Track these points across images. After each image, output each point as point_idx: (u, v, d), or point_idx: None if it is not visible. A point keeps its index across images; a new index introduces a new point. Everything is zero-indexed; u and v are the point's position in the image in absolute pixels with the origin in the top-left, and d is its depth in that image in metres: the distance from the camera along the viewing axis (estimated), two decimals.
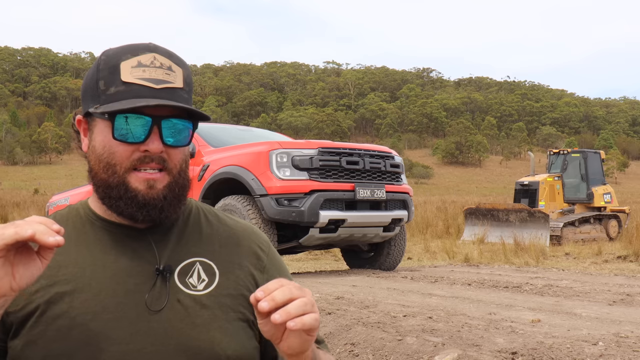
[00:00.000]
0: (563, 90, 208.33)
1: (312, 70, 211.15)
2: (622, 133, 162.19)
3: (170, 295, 1.10)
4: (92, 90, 1.12)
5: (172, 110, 1.10)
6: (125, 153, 1.09)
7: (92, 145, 1.13)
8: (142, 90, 1.08)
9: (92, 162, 1.13)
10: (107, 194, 1.11)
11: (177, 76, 1.12)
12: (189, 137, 1.14)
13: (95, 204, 1.17)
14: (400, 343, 3.43)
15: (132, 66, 1.09)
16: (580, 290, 5.49)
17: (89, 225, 1.15)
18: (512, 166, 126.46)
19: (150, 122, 1.09)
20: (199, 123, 1.15)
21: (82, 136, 1.17)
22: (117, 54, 1.11)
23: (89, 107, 1.12)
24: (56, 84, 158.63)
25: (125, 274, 1.10)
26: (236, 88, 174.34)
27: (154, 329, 1.07)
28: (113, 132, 1.08)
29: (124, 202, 1.10)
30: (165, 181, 1.11)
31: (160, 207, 1.10)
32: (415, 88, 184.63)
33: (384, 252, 7.24)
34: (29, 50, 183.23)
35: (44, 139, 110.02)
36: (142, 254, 1.12)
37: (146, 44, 1.13)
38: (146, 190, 1.09)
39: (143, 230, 1.14)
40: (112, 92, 1.09)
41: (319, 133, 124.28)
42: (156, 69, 1.10)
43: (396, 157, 6.92)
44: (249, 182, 6.07)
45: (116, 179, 1.10)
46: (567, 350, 3.13)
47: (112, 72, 1.10)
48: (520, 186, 15.52)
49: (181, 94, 1.12)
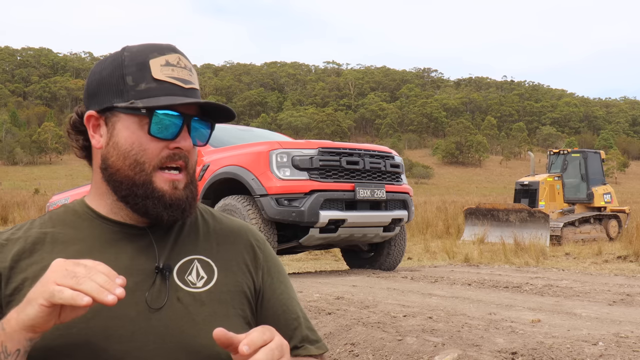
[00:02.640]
0: (563, 90, 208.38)
1: (312, 70, 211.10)
2: (622, 133, 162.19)
3: (170, 293, 1.10)
4: (115, 85, 1.11)
5: (196, 110, 1.14)
6: (157, 150, 1.10)
7: (113, 141, 1.12)
8: (173, 88, 1.11)
9: (114, 158, 1.12)
10: (133, 191, 1.11)
11: (195, 78, 1.16)
12: (209, 137, 1.19)
13: (95, 202, 1.16)
14: (400, 343, 3.43)
15: (162, 64, 1.11)
16: (580, 290, 5.49)
17: (88, 223, 1.15)
18: (512, 166, 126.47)
19: (182, 120, 1.11)
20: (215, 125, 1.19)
21: (91, 132, 1.15)
22: (144, 52, 1.12)
23: (110, 102, 1.11)
24: (56, 84, 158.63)
25: (125, 273, 1.08)
26: (236, 88, 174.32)
27: (154, 327, 1.07)
28: (150, 127, 1.09)
29: (151, 202, 1.10)
30: (185, 182, 1.14)
31: (183, 207, 1.12)
32: (415, 88, 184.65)
33: (384, 252, 7.24)
34: (29, 50, 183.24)
35: (44, 139, 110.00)
36: (142, 252, 1.12)
37: (168, 44, 1.15)
38: (172, 191, 1.11)
39: (143, 228, 1.14)
40: (143, 88, 1.10)
41: (319, 133, 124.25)
42: (182, 70, 1.13)
43: (396, 157, 6.92)
44: (249, 182, 6.07)
45: (143, 177, 1.10)
46: (567, 350, 3.13)
47: (140, 69, 1.10)
48: (520, 186, 15.52)
49: (199, 95, 1.16)
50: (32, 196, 30.72)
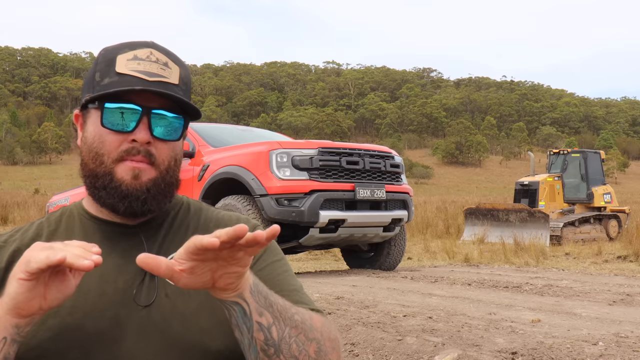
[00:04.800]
0: (563, 90, 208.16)
1: (312, 70, 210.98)
2: (622, 133, 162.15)
3: (158, 289, 1.10)
4: (88, 83, 1.13)
5: (163, 103, 1.10)
6: (115, 143, 1.09)
7: (84, 136, 1.13)
8: (134, 80, 1.08)
9: (84, 153, 1.13)
10: (93, 183, 1.11)
11: (172, 72, 1.12)
12: (180, 133, 1.14)
13: (88, 204, 1.18)
14: (400, 343, 3.43)
15: (128, 59, 1.10)
16: (580, 290, 5.49)
17: (80, 224, 1.16)
18: (512, 166, 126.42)
19: (140, 111, 1.08)
20: (195, 122, 1.15)
21: (78, 131, 1.17)
22: (116, 49, 1.13)
23: (84, 99, 1.13)
24: (56, 84, 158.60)
25: (115, 272, 1.10)
26: (236, 88, 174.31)
27: (144, 325, 1.07)
28: (102, 119, 1.08)
29: (106, 192, 1.09)
30: (152, 175, 1.10)
31: (143, 199, 1.09)
32: (415, 88, 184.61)
33: (384, 252, 7.24)
34: (29, 50, 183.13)
35: (44, 139, 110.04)
36: (133, 250, 1.11)
37: (145, 40, 1.14)
38: (130, 180, 1.09)
39: (134, 227, 1.14)
40: (106, 82, 1.09)
41: (319, 133, 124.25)
42: (151, 63, 1.11)
43: (396, 157, 6.92)
44: (249, 182, 6.07)
45: (103, 169, 1.09)
46: (567, 350, 3.13)
47: (108, 65, 1.11)
48: (520, 186, 15.52)
49: (175, 89, 1.11)
50: (32, 196, 30.71)
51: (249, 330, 0.97)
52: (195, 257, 0.87)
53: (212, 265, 0.89)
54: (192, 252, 0.86)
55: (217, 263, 0.89)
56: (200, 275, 0.89)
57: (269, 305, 0.99)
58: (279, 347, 0.99)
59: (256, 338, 0.98)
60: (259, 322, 0.97)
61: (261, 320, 0.97)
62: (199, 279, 0.90)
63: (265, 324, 0.98)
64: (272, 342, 0.98)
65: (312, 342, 1.02)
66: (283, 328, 0.99)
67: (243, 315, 0.96)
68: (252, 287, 0.97)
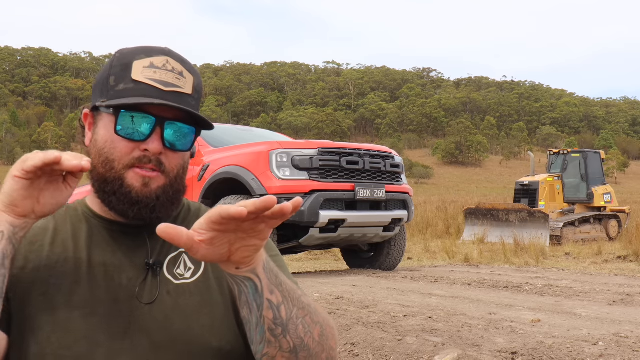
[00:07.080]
0: (563, 90, 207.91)
1: (312, 70, 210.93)
2: (622, 133, 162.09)
3: (160, 288, 1.12)
4: (102, 85, 1.14)
5: (177, 114, 1.11)
6: (126, 150, 1.10)
7: (94, 139, 1.14)
8: (150, 90, 1.10)
9: (93, 156, 1.13)
10: (102, 188, 1.12)
11: (187, 82, 1.14)
12: (191, 143, 1.15)
13: (93, 202, 1.19)
14: (400, 343, 3.43)
15: (144, 66, 1.11)
16: (580, 290, 5.50)
17: (86, 222, 1.17)
18: (512, 166, 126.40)
19: (154, 122, 1.10)
20: (202, 130, 1.16)
21: (86, 130, 1.18)
22: (132, 53, 1.13)
23: (96, 101, 1.14)
24: (56, 84, 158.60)
25: (119, 270, 1.12)
26: (236, 88, 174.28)
27: (146, 322, 1.09)
28: (115, 127, 1.09)
29: (116, 198, 1.11)
30: (161, 182, 1.12)
31: (152, 206, 1.11)
32: (415, 88, 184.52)
33: (384, 252, 7.24)
34: (29, 50, 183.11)
35: (44, 139, 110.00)
36: (136, 249, 1.14)
37: (162, 47, 1.15)
38: (140, 187, 1.10)
39: (138, 227, 1.16)
40: (121, 88, 1.10)
41: (319, 133, 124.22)
42: (167, 72, 1.12)
43: (396, 157, 6.92)
44: (249, 182, 6.07)
45: (113, 174, 1.10)
46: (567, 350, 3.13)
47: (123, 70, 1.11)
48: (520, 186, 15.53)
49: (188, 100, 1.13)
50: None
51: (259, 307, 0.98)
52: (217, 227, 0.88)
53: (231, 237, 0.90)
54: (215, 222, 0.87)
55: (236, 235, 0.90)
56: (218, 247, 0.91)
57: (279, 283, 1.01)
58: (287, 327, 1.00)
59: (265, 316, 0.99)
60: (270, 300, 0.99)
61: (272, 298, 0.99)
62: (217, 250, 0.91)
63: (275, 302, 0.99)
64: (280, 322, 1.00)
65: (316, 325, 1.04)
66: (291, 308, 1.01)
67: (254, 292, 0.98)
68: (265, 263, 0.99)
